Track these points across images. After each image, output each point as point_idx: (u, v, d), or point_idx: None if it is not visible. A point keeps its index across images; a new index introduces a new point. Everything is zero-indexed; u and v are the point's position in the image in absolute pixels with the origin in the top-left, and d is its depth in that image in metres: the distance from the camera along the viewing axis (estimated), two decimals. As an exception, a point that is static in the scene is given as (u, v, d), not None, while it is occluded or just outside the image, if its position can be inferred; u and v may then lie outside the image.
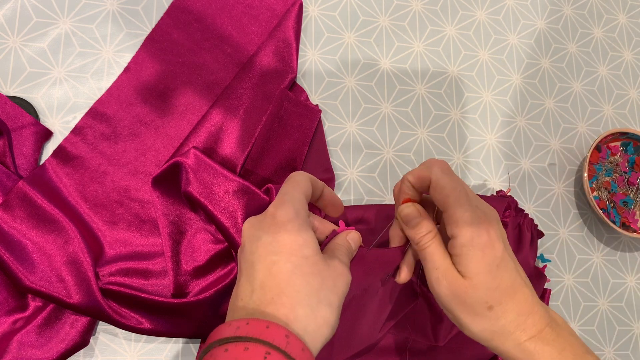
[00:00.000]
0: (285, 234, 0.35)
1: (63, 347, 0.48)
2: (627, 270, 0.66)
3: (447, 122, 0.65)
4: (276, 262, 0.34)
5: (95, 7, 0.58)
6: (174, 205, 0.54)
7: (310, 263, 0.35)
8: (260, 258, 0.35)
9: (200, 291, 0.51)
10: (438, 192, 0.39)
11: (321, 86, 0.62)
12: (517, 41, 0.69)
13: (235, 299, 0.35)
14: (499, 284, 0.38)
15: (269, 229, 0.36)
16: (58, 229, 0.49)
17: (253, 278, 0.35)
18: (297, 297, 0.34)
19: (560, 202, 0.66)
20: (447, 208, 0.39)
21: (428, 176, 0.40)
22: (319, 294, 0.34)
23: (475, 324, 0.39)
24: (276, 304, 0.33)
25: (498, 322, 0.38)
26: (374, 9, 0.66)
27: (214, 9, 0.60)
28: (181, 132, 0.56)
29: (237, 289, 0.36)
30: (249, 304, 0.34)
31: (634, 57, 0.73)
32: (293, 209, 0.36)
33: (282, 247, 0.35)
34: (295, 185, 0.39)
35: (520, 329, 0.38)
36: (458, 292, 0.38)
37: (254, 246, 0.36)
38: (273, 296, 0.33)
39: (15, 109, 0.52)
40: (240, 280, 0.36)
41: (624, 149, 0.68)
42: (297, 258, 0.35)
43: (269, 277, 0.34)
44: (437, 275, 0.39)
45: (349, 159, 0.61)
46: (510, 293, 0.38)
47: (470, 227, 0.38)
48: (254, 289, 0.34)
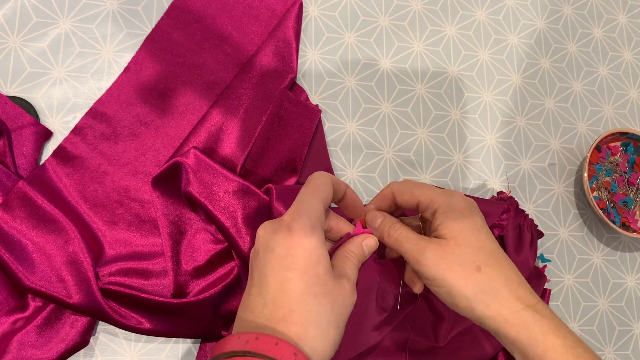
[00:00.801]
0: (300, 250, 0.35)
1: (63, 347, 0.48)
2: (627, 270, 0.66)
3: (447, 122, 0.65)
4: (289, 279, 0.34)
5: (95, 7, 0.58)
6: (174, 205, 0.54)
7: (322, 283, 0.35)
8: (273, 272, 0.35)
9: (200, 291, 0.51)
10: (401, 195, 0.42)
11: (321, 86, 0.62)
12: (517, 41, 0.69)
13: (245, 309, 0.35)
14: (483, 245, 0.39)
15: (284, 241, 0.35)
16: (58, 229, 0.49)
17: (265, 292, 0.34)
18: (309, 317, 0.34)
19: (560, 202, 0.66)
20: (419, 197, 0.41)
21: (388, 192, 0.43)
22: (329, 316, 0.35)
23: (467, 285, 0.38)
24: (287, 322, 0.33)
25: (490, 283, 0.38)
26: (374, 9, 0.66)
27: (214, 9, 0.60)
28: (181, 132, 0.56)
29: (247, 299, 0.36)
30: (259, 317, 0.34)
31: (634, 57, 0.73)
32: (310, 223, 0.36)
33: (296, 263, 0.34)
34: (315, 191, 0.38)
35: (514, 296, 0.38)
36: (444, 255, 0.39)
37: (267, 257, 0.35)
38: (285, 314, 0.33)
39: (15, 109, 0.52)
40: (251, 290, 0.36)
41: (624, 149, 0.68)
42: (310, 277, 0.34)
43: (282, 293, 0.34)
44: (418, 249, 0.40)
45: (349, 159, 0.61)
46: (496, 257, 0.39)
47: (445, 196, 0.41)
48: (265, 303, 0.34)
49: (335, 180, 0.40)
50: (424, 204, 0.41)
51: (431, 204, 0.41)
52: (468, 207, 0.41)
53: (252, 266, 0.37)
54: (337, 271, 0.37)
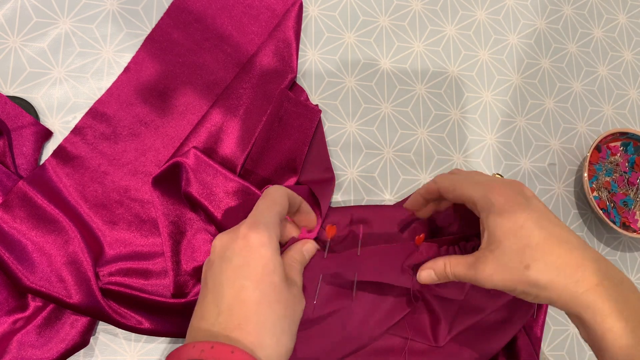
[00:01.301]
0: (257, 260, 0.36)
1: (63, 347, 0.48)
2: (627, 270, 0.66)
3: (447, 122, 0.65)
4: (245, 287, 0.35)
5: (95, 7, 0.58)
6: (174, 205, 0.54)
7: (277, 291, 0.36)
8: (229, 281, 0.35)
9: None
10: (446, 193, 0.44)
11: (321, 86, 0.62)
12: (517, 41, 0.69)
13: (199, 319, 0.35)
14: (528, 242, 0.39)
15: (241, 251, 0.36)
16: (58, 229, 0.49)
17: (220, 300, 0.35)
18: (264, 325, 0.34)
19: (560, 202, 0.66)
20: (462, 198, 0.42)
21: (435, 189, 0.45)
22: (282, 324, 0.35)
23: (522, 286, 0.39)
24: (242, 330, 0.34)
25: (541, 278, 0.38)
26: (374, 9, 0.66)
27: (214, 9, 0.60)
28: (181, 132, 0.56)
29: (201, 308, 0.36)
30: (214, 326, 0.34)
31: (634, 57, 0.73)
32: (267, 234, 0.37)
33: (252, 273, 0.35)
34: (271, 204, 0.39)
35: (571, 282, 0.38)
36: (494, 267, 0.39)
37: (223, 266, 0.36)
38: (240, 322, 0.34)
39: (15, 109, 0.52)
40: (205, 299, 0.36)
41: (624, 149, 0.68)
42: (266, 285, 0.35)
43: (237, 301, 0.34)
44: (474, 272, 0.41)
45: (349, 159, 0.61)
46: (545, 248, 0.38)
47: (483, 198, 0.40)
48: (220, 312, 0.34)
49: (291, 194, 0.41)
50: (468, 204, 0.43)
51: (473, 206, 0.42)
52: (508, 202, 0.40)
53: (205, 276, 0.37)
54: (287, 277, 0.38)
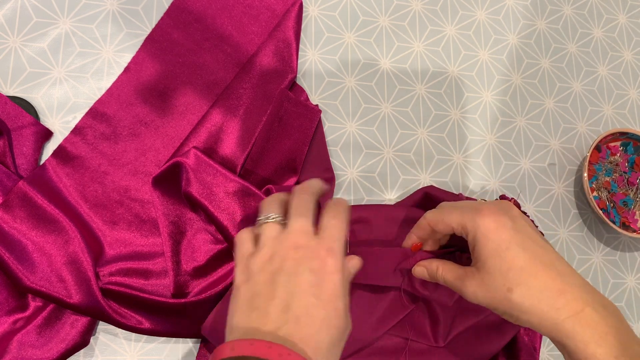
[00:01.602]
0: (328, 283, 0.37)
1: (63, 347, 0.48)
2: (627, 270, 0.66)
3: (447, 122, 0.65)
4: (315, 305, 0.36)
5: (95, 7, 0.58)
6: (174, 205, 0.54)
7: (338, 317, 0.37)
8: (302, 294, 0.36)
9: (200, 291, 0.51)
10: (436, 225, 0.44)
11: (321, 86, 0.62)
12: (517, 41, 0.69)
13: (265, 317, 0.36)
14: (511, 265, 0.39)
15: (318, 272, 0.37)
16: (58, 229, 0.49)
17: (290, 309, 0.36)
18: (321, 346, 0.35)
19: (560, 202, 0.66)
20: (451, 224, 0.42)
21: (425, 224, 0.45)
22: (334, 349, 0.37)
23: (506, 309, 0.39)
24: (304, 345, 0.35)
25: (523, 302, 0.38)
26: (374, 9, 0.66)
27: (214, 9, 0.60)
28: (181, 132, 0.56)
29: (267, 307, 0.36)
30: (280, 330, 0.35)
31: (634, 57, 0.73)
32: (341, 261, 0.38)
33: (323, 293, 0.36)
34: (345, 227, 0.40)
35: (552, 309, 0.38)
36: (479, 284, 0.40)
37: (298, 279, 0.37)
38: (304, 336, 0.35)
39: (15, 109, 0.52)
40: (272, 302, 0.36)
41: (624, 149, 0.68)
42: (331, 309, 0.36)
43: (306, 316, 0.35)
44: (461, 283, 0.42)
45: (349, 159, 0.61)
46: (529, 272, 0.38)
47: (472, 222, 0.40)
48: (287, 320, 0.35)
49: None
50: (457, 230, 0.42)
51: (463, 231, 0.42)
52: (494, 225, 0.40)
53: (275, 279, 0.37)
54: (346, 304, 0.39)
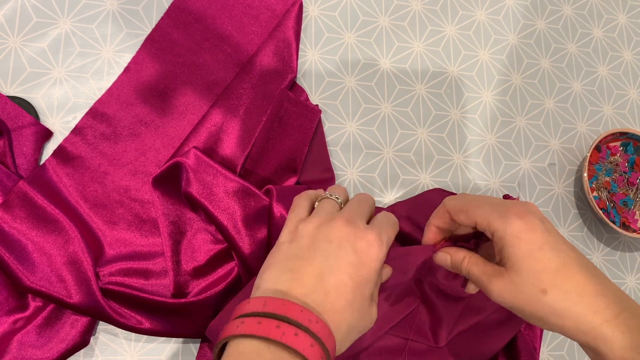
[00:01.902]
0: (365, 268, 0.37)
1: (63, 347, 0.48)
2: (627, 270, 0.66)
3: (447, 122, 0.65)
4: (346, 284, 0.36)
5: (95, 7, 0.58)
6: (174, 205, 0.54)
7: (361, 303, 0.37)
8: (339, 269, 0.36)
9: (200, 291, 0.51)
10: (457, 215, 0.42)
11: (321, 86, 0.62)
12: (517, 41, 0.69)
13: (298, 280, 0.36)
14: (545, 266, 0.37)
15: (360, 254, 0.37)
16: (58, 229, 0.49)
17: (323, 280, 0.36)
18: (342, 324, 0.36)
19: (560, 202, 0.66)
20: (475, 218, 0.40)
21: (444, 212, 0.42)
22: (351, 331, 0.37)
23: (536, 310, 0.38)
24: (328, 317, 0.35)
25: (560, 304, 0.37)
26: (374, 9, 0.66)
27: (214, 9, 0.60)
28: (181, 132, 0.56)
29: (302, 271, 0.36)
30: (309, 298, 0.35)
31: (634, 57, 0.73)
32: (384, 252, 0.38)
33: (357, 276, 0.37)
34: (395, 226, 0.40)
35: (590, 311, 0.36)
36: (507, 285, 0.38)
37: (340, 254, 0.37)
38: (329, 309, 0.35)
39: (15, 109, 0.52)
40: (310, 267, 0.36)
41: (624, 149, 0.68)
42: (359, 293, 0.37)
43: (335, 292, 0.36)
44: (486, 278, 0.40)
45: (349, 159, 0.61)
46: (564, 274, 0.37)
47: (500, 220, 0.39)
48: (317, 289, 0.36)
49: None
50: (481, 226, 0.40)
51: (488, 228, 0.40)
52: (525, 226, 0.38)
53: (318, 246, 0.37)
54: (374, 292, 0.39)
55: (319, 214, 0.39)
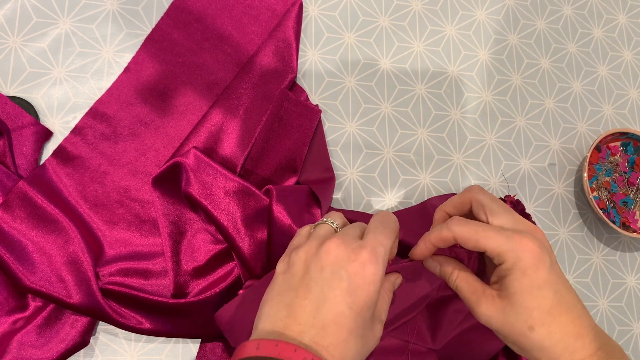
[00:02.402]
0: (364, 293, 0.36)
1: (63, 347, 0.48)
2: (627, 270, 0.66)
3: (447, 122, 0.65)
4: (346, 316, 0.35)
5: (95, 7, 0.58)
6: (174, 205, 0.54)
7: (365, 327, 0.36)
8: (334, 300, 0.35)
9: (200, 291, 0.51)
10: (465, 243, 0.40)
11: (321, 86, 0.62)
12: (517, 41, 0.69)
13: (292, 317, 0.35)
14: (539, 305, 0.38)
15: (354, 277, 0.36)
16: (58, 229, 0.49)
17: (319, 314, 0.35)
18: (347, 356, 0.35)
19: (560, 202, 0.66)
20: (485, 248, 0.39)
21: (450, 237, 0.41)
22: (359, 357, 0.36)
23: (519, 342, 0.39)
24: (329, 353, 0.34)
25: (542, 342, 0.38)
26: (374, 9, 0.66)
27: (214, 9, 0.60)
28: (181, 132, 0.56)
29: (297, 307, 0.36)
30: (306, 336, 0.34)
31: (634, 57, 0.73)
32: (381, 271, 0.37)
33: (356, 304, 0.36)
34: (392, 236, 0.39)
35: (568, 352, 0.37)
36: (497, 312, 0.39)
37: (334, 283, 0.36)
38: (330, 344, 0.35)
39: (15, 109, 0.52)
40: (303, 302, 0.36)
41: (624, 149, 0.68)
42: (361, 320, 0.36)
43: (334, 325, 0.35)
44: (476, 299, 0.40)
45: (349, 159, 0.61)
46: (554, 314, 0.38)
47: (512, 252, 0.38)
48: (314, 324, 0.35)
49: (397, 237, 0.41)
50: (491, 255, 0.39)
51: (498, 258, 0.39)
52: (535, 264, 0.38)
53: (312, 276, 0.37)
54: (376, 312, 0.39)
55: (311, 240, 0.39)
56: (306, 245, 0.38)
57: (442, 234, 0.41)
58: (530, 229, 0.40)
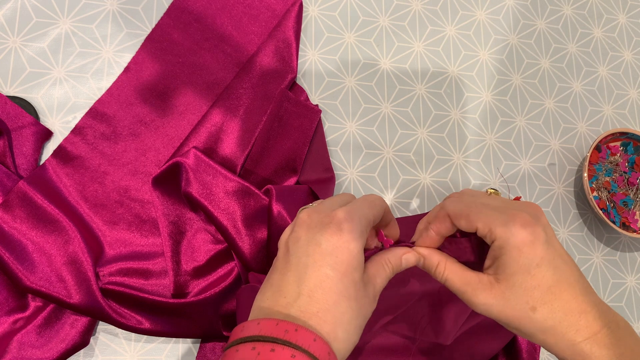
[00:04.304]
0: (344, 253, 0.35)
1: (63, 347, 0.48)
2: (627, 270, 0.66)
3: (447, 122, 0.65)
4: (330, 277, 0.34)
5: (95, 7, 0.58)
6: (174, 205, 0.54)
7: (356, 288, 0.35)
8: (315, 265, 0.35)
9: (200, 291, 0.51)
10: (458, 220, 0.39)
11: (321, 86, 0.62)
12: (517, 41, 0.69)
13: (277, 292, 0.35)
14: (539, 283, 0.37)
15: (331, 238, 0.35)
16: (58, 229, 0.49)
17: (302, 282, 0.34)
18: (341, 319, 0.34)
19: (560, 202, 0.66)
20: (476, 224, 0.38)
21: (444, 216, 0.40)
22: (355, 321, 0.35)
23: (522, 325, 0.37)
24: (320, 319, 0.33)
25: (545, 322, 0.37)
26: (374, 9, 0.66)
27: (214, 9, 0.60)
28: (181, 132, 0.56)
29: (281, 282, 0.35)
30: (293, 307, 0.34)
31: (634, 57, 0.73)
32: (359, 229, 0.36)
33: (339, 264, 0.35)
34: (371, 205, 0.38)
35: (572, 330, 0.36)
36: (496, 298, 0.37)
37: (311, 249, 0.35)
38: (319, 310, 0.34)
39: (15, 109, 0.52)
40: (286, 276, 0.35)
41: (624, 149, 0.68)
42: (348, 280, 0.35)
43: (320, 289, 0.34)
44: (471, 290, 0.38)
45: (349, 159, 0.61)
46: (554, 292, 0.37)
47: (503, 228, 0.37)
48: (300, 293, 0.34)
49: (387, 209, 0.40)
50: (481, 232, 0.38)
51: (489, 235, 0.38)
52: (529, 238, 0.37)
53: (290, 250, 0.36)
54: (367, 276, 0.37)
55: (291, 224, 0.38)
56: (287, 229, 0.38)
57: (438, 214, 0.40)
58: (524, 206, 0.39)
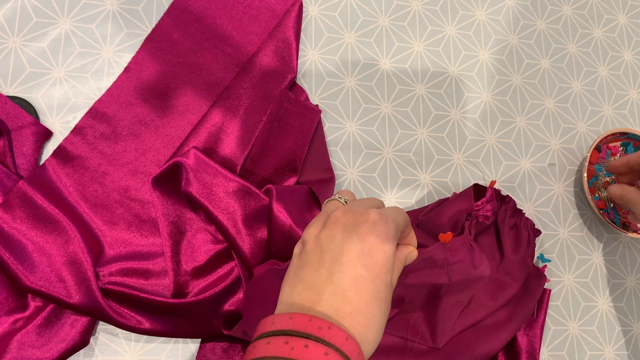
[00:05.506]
0: (379, 253, 0.35)
1: (63, 347, 0.48)
2: (627, 270, 0.66)
3: (447, 122, 0.65)
4: (364, 278, 0.34)
5: (95, 7, 0.58)
6: (174, 205, 0.54)
7: (387, 291, 0.35)
8: (350, 264, 0.34)
9: (200, 291, 0.51)
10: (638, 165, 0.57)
11: (321, 86, 0.62)
12: (517, 41, 0.69)
13: (310, 289, 0.34)
14: None
15: (367, 237, 0.35)
16: (58, 229, 0.49)
17: (337, 280, 0.34)
18: (372, 321, 0.34)
19: (560, 202, 0.66)
20: None
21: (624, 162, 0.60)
22: (383, 322, 0.35)
23: None
24: (352, 320, 0.33)
25: None
26: (374, 9, 0.66)
27: (214, 9, 0.60)
28: (181, 132, 0.56)
29: (313, 278, 0.34)
30: (325, 304, 0.33)
31: (634, 57, 0.73)
32: (394, 230, 0.36)
33: (373, 265, 0.34)
34: (400, 212, 0.38)
35: None
36: None
37: (346, 247, 0.35)
38: (352, 311, 0.33)
39: (15, 109, 0.52)
40: (320, 271, 0.34)
41: (624, 149, 0.68)
42: (381, 282, 0.34)
43: (354, 289, 0.34)
44: None
45: (349, 159, 0.61)
46: None
47: None
48: (334, 292, 0.34)
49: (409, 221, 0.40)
50: None
51: None
52: None
53: (323, 247, 0.36)
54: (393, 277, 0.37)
55: (320, 217, 0.38)
56: (315, 222, 0.38)
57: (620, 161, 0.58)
58: None
